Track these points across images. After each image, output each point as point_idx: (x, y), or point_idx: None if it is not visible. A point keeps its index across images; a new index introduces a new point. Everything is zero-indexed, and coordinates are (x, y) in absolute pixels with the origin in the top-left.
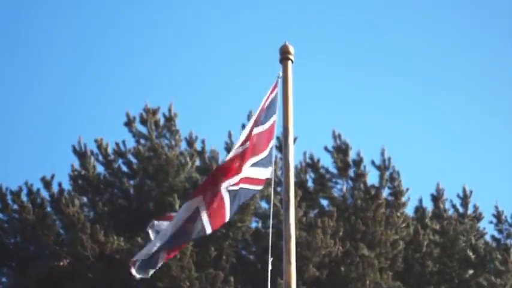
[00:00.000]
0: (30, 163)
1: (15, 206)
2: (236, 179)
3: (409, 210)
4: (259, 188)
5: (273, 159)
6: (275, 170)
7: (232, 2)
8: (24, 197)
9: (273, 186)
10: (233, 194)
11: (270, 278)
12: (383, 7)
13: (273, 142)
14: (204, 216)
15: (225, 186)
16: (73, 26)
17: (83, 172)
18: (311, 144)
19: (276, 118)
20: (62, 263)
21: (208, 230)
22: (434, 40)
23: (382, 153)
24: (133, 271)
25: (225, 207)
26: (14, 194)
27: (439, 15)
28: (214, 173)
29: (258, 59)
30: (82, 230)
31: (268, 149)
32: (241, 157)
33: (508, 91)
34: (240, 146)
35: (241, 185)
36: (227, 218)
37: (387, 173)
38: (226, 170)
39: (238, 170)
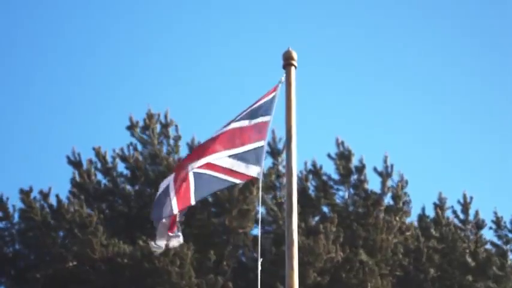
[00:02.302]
0: (29, 171)
1: (23, 206)
2: (201, 162)
3: (411, 219)
4: (238, 181)
5: (263, 159)
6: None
7: (235, 8)
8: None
9: (260, 189)
10: (200, 178)
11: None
12: (387, 14)
13: (264, 142)
14: (173, 197)
15: (191, 169)
16: (72, 32)
17: (80, 181)
18: (313, 151)
19: (269, 119)
20: (67, 266)
21: (175, 211)
22: (437, 49)
23: (385, 160)
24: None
25: (190, 190)
26: (24, 193)
27: (445, 25)
28: (187, 155)
29: (261, 65)
30: (93, 233)
31: (254, 145)
32: (213, 144)
33: (505, 99)
34: (221, 128)
35: (214, 173)
36: (192, 202)
37: (389, 180)
38: (200, 151)
39: (205, 154)
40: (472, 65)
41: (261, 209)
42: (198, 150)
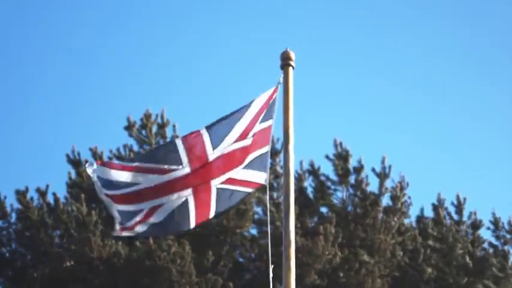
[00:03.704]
0: (27, 171)
1: (19, 206)
2: (224, 177)
3: (411, 219)
4: (250, 190)
5: (268, 165)
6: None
7: (233, 8)
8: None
9: (268, 192)
10: (221, 193)
11: (268, 284)
12: (385, 14)
13: (268, 148)
14: (192, 210)
15: (215, 184)
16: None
17: (78, 180)
18: (310, 151)
19: (271, 123)
20: (64, 265)
21: (192, 225)
22: (434, 50)
23: (383, 161)
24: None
25: (210, 205)
26: (20, 194)
27: (443, 26)
28: (207, 165)
29: (259, 65)
30: (92, 231)
31: (261, 152)
32: (237, 156)
33: (505, 99)
34: (237, 141)
35: (232, 187)
36: (211, 215)
37: (387, 180)
38: (220, 165)
39: (229, 168)
40: (472, 65)
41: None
42: (218, 165)
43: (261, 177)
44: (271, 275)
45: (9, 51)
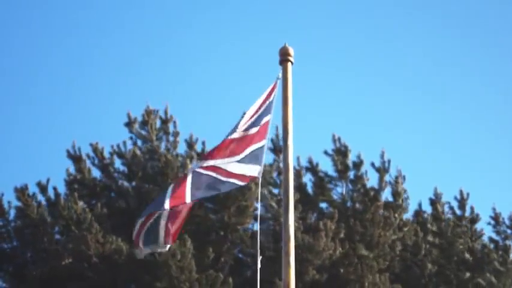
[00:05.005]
0: (25, 167)
1: (19, 204)
2: (205, 164)
3: (409, 214)
4: (242, 183)
5: (263, 159)
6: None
7: (232, 4)
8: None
9: (260, 186)
10: (198, 178)
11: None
12: (383, 11)
13: (264, 142)
14: (168, 196)
15: (191, 169)
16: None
17: (78, 176)
18: (309, 147)
19: (269, 118)
20: (63, 263)
21: (166, 206)
22: (432, 45)
23: (382, 156)
24: (139, 250)
25: (186, 188)
26: (20, 191)
27: (440, 22)
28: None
29: (258, 61)
30: (88, 229)
31: (256, 146)
32: (222, 149)
33: (502, 95)
34: (233, 134)
35: (217, 176)
36: (187, 200)
37: (387, 175)
38: (203, 156)
39: (211, 157)
40: (467, 62)
41: (260, 206)
42: (206, 155)
43: (255, 170)
44: (259, 266)
45: (9, 46)
